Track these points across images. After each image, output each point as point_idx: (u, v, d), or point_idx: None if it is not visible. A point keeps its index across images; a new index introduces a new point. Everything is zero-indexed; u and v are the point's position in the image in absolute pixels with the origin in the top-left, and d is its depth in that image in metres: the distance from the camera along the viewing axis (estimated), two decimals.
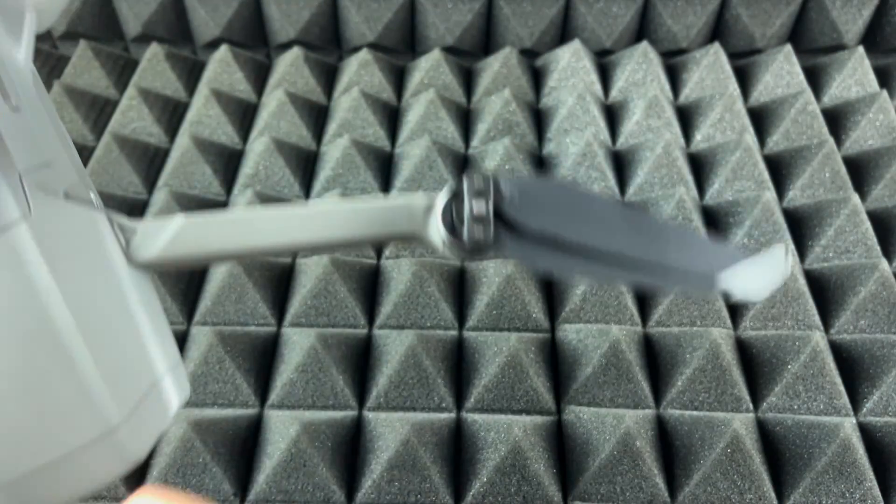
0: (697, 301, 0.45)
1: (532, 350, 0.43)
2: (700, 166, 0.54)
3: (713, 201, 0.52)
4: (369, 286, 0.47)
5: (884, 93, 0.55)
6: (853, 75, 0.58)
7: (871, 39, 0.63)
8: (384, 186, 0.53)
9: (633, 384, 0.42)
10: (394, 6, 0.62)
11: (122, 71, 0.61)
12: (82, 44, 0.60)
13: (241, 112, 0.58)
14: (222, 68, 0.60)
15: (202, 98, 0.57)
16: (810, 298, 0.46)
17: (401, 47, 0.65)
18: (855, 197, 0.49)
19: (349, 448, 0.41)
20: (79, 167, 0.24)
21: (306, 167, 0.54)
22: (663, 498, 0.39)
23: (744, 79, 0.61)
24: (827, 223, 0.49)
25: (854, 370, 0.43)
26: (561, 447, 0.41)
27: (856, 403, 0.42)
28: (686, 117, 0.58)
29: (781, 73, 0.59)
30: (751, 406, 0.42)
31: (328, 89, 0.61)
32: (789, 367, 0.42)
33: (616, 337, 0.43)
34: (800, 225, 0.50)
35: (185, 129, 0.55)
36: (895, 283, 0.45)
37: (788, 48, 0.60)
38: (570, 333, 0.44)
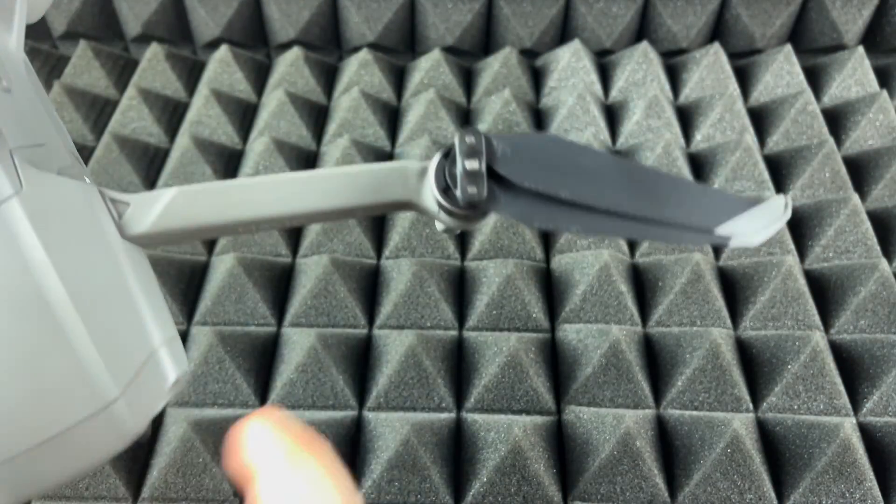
0: (697, 301, 0.45)
1: (532, 350, 0.43)
2: (700, 166, 0.54)
3: None
4: (369, 286, 0.47)
5: (884, 93, 0.55)
6: (853, 75, 0.58)
7: (871, 39, 0.63)
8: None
9: (633, 384, 0.42)
10: (394, 6, 0.62)
11: (122, 71, 0.61)
12: (82, 44, 0.60)
13: (241, 112, 0.58)
14: (222, 68, 0.60)
15: (202, 98, 0.57)
16: (810, 298, 0.46)
17: (401, 47, 0.65)
18: (855, 197, 0.49)
19: (349, 448, 0.41)
20: (73, 152, 0.24)
21: (306, 167, 0.54)
22: (663, 498, 0.39)
23: (744, 79, 0.61)
24: (827, 223, 0.49)
25: (854, 370, 0.43)
26: (561, 447, 0.41)
27: (856, 403, 0.42)
28: (686, 117, 0.58)
29: (781, 73, 0.59)
30: (751, 406, 0.42)
31: (328, 89, 0.61)
32: (789, 367, 0.42)
33: (616, 337, 0.43)
34: (800, 225, 0.50)
35: (185, 129, 0.55)
36: (895, 283, 0.45)
37: (788, 48, 0.60)
38: (570, 333, 0.44)
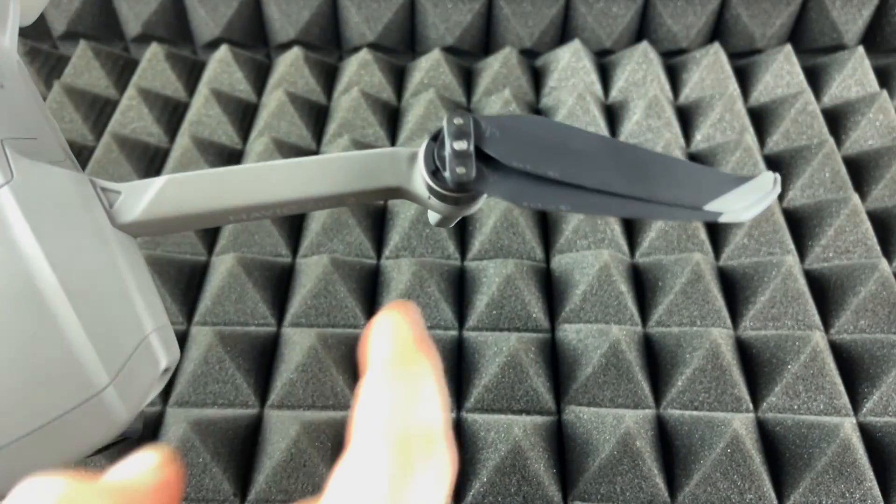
0: (697, 301, 0.45)
1: (532, 350, 0.43)
2: None
3: None
4: (369, 286, 0.47)
5: (884, 93, 0.55)
6: (853, 75, 0.58)
7: (871, 39, 0.63)
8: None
9: (633, 384, 0.42)
10: (394, 6, 0.62)
11: (122, 71, 0.61)
12: (82, 44, 0.60)
13: (241, 112, 0.58)
14: (222, 68, 0.60)
15: (202, 98, 0.57)
16: (810, 298, 0.46)
17: (401, 47, 0.65)
18: (855, 197, 0.49)
19: None
20: (65, 149, 0.24)
21: None
22: (663, 498, 0.39)
23: (744, 79, 0.61)
24: (827, 223, 0.49)
25: (854, 370, 0.43)
26: (561, 447, 0.41)
27: (856, 403, 0.42)
28: (686, 117, 0.58)
29: (781, 73, 0.59)
30: (751, 406, 0.42)
31: (328, 89, 0.61)
32: (789, 367, 0.42)
33: (616, 337, 0.43)
34: (800, 225, 0.50)
35: (185, 129, 0.55)
36: (895, 283, 0.45)
37: (788, 48, 0.60)
38: (570, 333, 0.44)
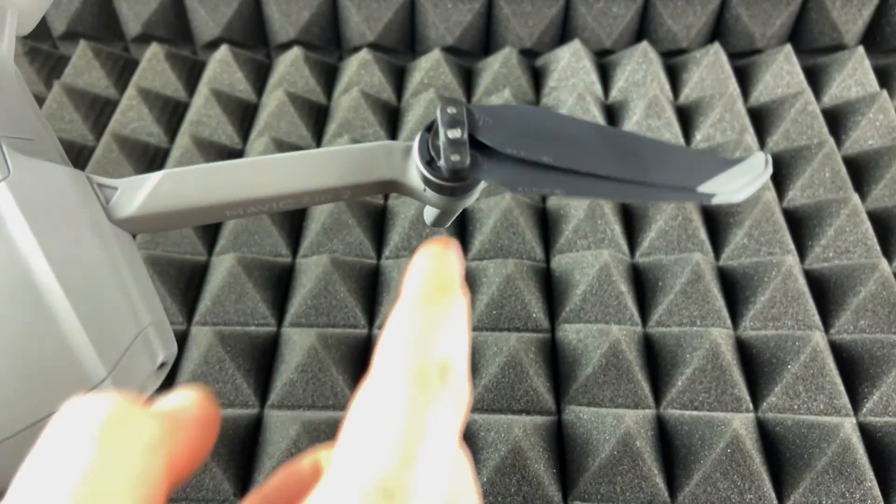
0: (697, 301, 0.45)
1: (532, 350, 0.43)
2: None
3: None
4: (369, 286, 0.47)
5: (884, 93, 0.55)
6: (853, 75, 0.58)
7: (871, 39, 0.63)
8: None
9: (633, 384, 0.42)
10: (394, 6, 0.62)
11: (122, 71, 0.61)
12: (82, 44, 0.60)
13: (241, 112, 0.58)
14: (222, 68, 0.60)
15: (202, 98, 0.57)
16: (810, 298, 0.46)
17: (401, 47, 0.65)
18: (855, 197, 0.49)
19: None
20: (61, 154, 0.24)
21: None
22: (663, 498, 0.39)
23: (744, 79, 0.61)
24: (827, 223, 0.49)
25: (854, 370, 0.43)
26: (561, 447, 0.41)
27: (856, 403, 0.42)
28: (686, 117, 0.58)
29: (781, 73, 0.59)
30: (751, 406, 0.42)
31: (328, 89, 0.61)
32: (789, 367, 0.42)
33: (616, 337, 0.43)
34: (800, 225, 0.50)
35: (185, 129, 0.55)
36: (895, 283, 0.45)
37: (788, 48, 0.60)
38: (570, 333, 0.44)
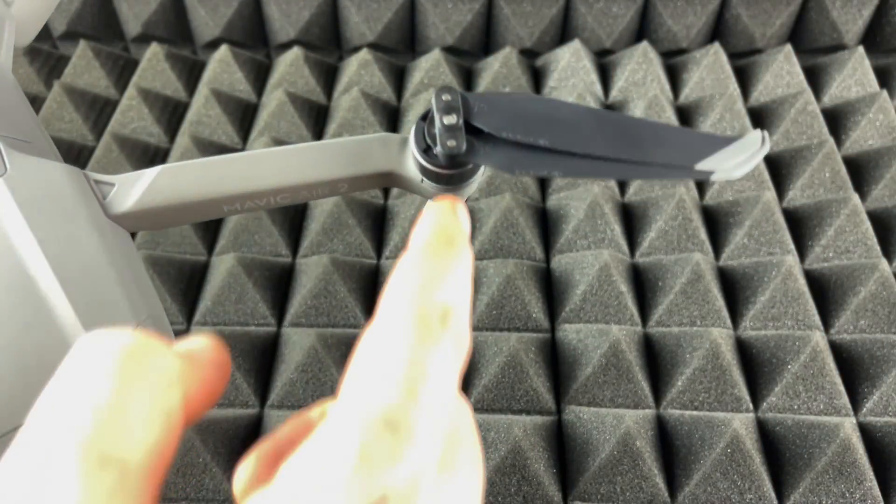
0: (697, 301, 0.45)
1: (532, 350, 0.43)
2: None
3: (713, 201, 0.52)
4: (369, 286, 0.47)
5: (884, 93, 0.55)
6: (853, 75, 0.58)
7: (871, 39, 0.63)
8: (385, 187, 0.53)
9: (633, 384, 0.42)
10: (394, 6, 0.62)
11: (122, 71, 0.61)
12: (82, 44, 0.60)
13: (241, 112, 0.58)
14: (222, 68, 0.60)
15: (202, 98, 0.57)
16: (810, 298, 0.46)
17: (401, 47, 0.65)
18: (855, 197, 0.49)
19: None
20: (59, 159, 0.24)
21: None
22: (663, 498, 0.39)
23: (744, 79, 0.61)
24: (827, 223, 0.49)
25: (854, 370, 0.43)
26: (561, 447, 0.41)
27: (856, 403, 0.42)
28: (686, 117, 0.58)
29: (781, 73, 0.59)
30: (751, 406, 0.42)
31: (328, 89, 0.61)
32: (789, 367, 0.42)
33: (616, 337, 0.43)
34: (800, 225, 0.50)
35: (185, 129, 0.55)
36: (895, 283, 0.45)
37: (788, 48, 0.60)
38: (570, 333, 0.44)
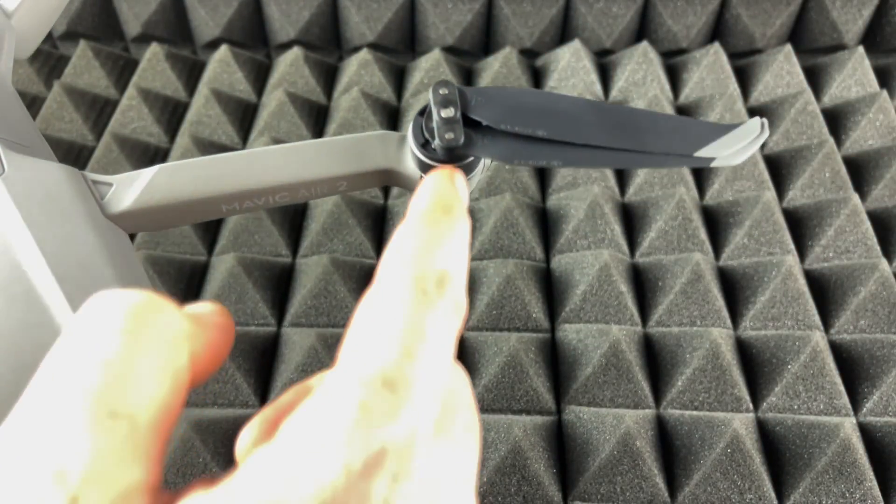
0: (697, 301, 0.45)
1: (532, 350, 0.43)
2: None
3: (713, 201, 0.52)
4: (369, 286, 0.47)
5: (884, 93, 0.55)
6: (853, 75, 0.58)
7: (871, 39, 0.63)
8: (384, 186, 0.53)
9: (633, 384, 0.42)
10: (394, 6, 0.62)
11: (122, 71, 0.61)
12: (82, 44, 0.60)
13: (241, 112, 0.58)
14: (222, 68, 0.60)
15: (202, 98, 0.57)
16: (810, 298, 0.46)
17: (401, 47, 0.65)
18: (855, 197, 0.49)
19: None
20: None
21: None
22: (663, 498, 0.39)
23: (744, 79, 0.61)
24: (827, 223, 0.49)
25: (854, 370, 0.43)
26: (561, 447, 0.41)
27: (856, 403, 0.42)
28: (686, 117, 0.58)
29: (781, 73, 0.59)
30: (751, 406, 0.42)
31: (328, 89, 0.61)
32: (789, 367, 0.42)
33: (616, 337, 0.43)
34: (800, 225, 0.50)
35: (185, 129, 0.55)
36: (895, 283, 0.45)
37: (788, 48, 0.60)
38: (570, 333, 0.44)
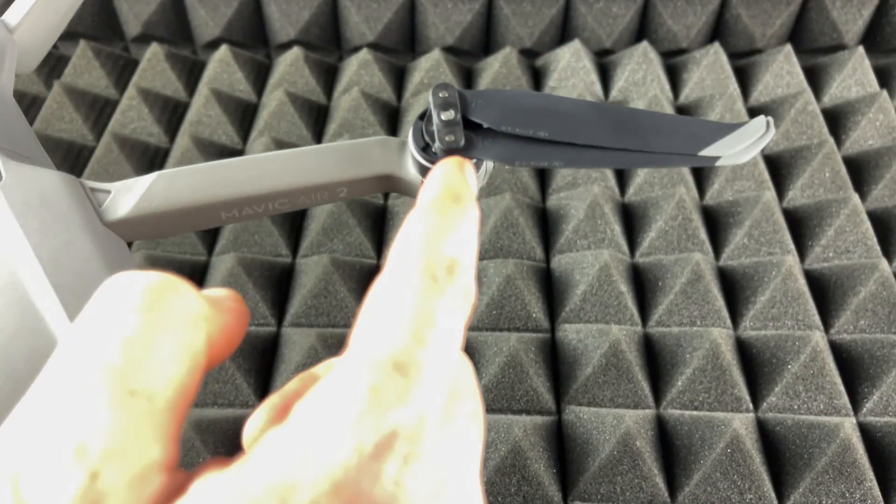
0: (697, 301, 0.45)
1: (532, 350, 0.43)
2: (700, 166, 0.54)
3: (713, 201, 0.52)
4: (369, 286, 0.47)
5: (884, 93, 0.55)
6: (853, 75, 0.58)
7: (871, 39, 0.63)
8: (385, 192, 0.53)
9: (633, 384, 0.42)
10: (394, 6, 0.62)
11: (122, 71, 0.61)
12: (82, 44, 0.60)
13: (241, 112, 0.58)
14: (222, 68, 0.60)
15: (202, 98, 0.57)
16: (810, 298, 0.46)
17: (401, 47, 0.65)
18: (855, 197, 0.49)
19: None
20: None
21: None
22: (663, 498, 0.39)
23: (744, 79, 0.61)
24: (827, 223, 0.49)
25: (854, 370, 0.43)
26: (561, 447, 0.41)
27: (856, 403, 0.42)
28: None
29: (781, 73, 0.59)
30: (751, 406, 0.42)
31: (328, 89, 0.61)
32: (789, 367, 0.42)
33: (616, 337, 0.43)
34: (800, 225, 0.50)
35: (185, 129, 0.55)
36: (895, 283, 0.45)
37: (788, 48, 0.60)
38: (570, 333, 0.44)
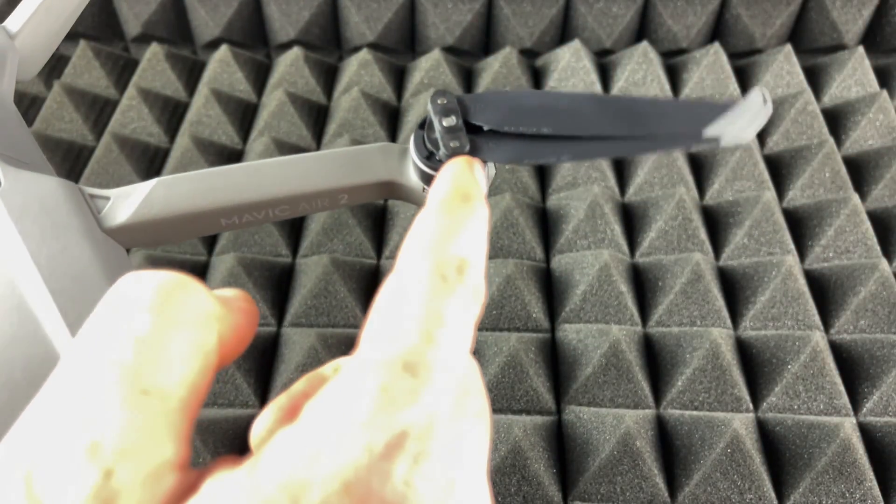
0: (697, 301, 0.45)
1: (532, 350, 0.43)
2: (700, 166, 0.54)
3: (713, 201, 0.52)
4: (369, 286, 0.47)
5: (884, 93, 0.55)
6: (853, 75, 0.58)
7: (871, 39, 0.63)
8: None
9: (633, 384, 0.42)
10: (394, 6, 0.62)
11: (122, 71, 0.61)
12: (82, 44, 0.60)
13: (241, 112, 0.58)
14: (222, 68, 0.60)
15: (202, 98, 0.57)
16: (810, 298, 0.46)
17: (401, 47, 0.65)
18: (855, 197, 0.49)
19: None
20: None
21: None
22: (663, 498, 0.39)
23: (744, 79, 0.61)
24: (827, 223, 0.49)
25: (854, 370, 0.43)
26: (561, 447, 0.41)
27: (856, 403, 0.42)
28: None
29: (781, 73, 0.59)
30: (751, 406, 0.42)
31: (328, 89, 0.61)
32: (789, 367, 0.42)
33: (616, 337, 0.43)
34: (800, 225, 0.50)
35: (185, 129, 0.55)
36: (895, 283, 0.45)
37: (788, 48, 0.60)
38: (570, 333, 0.44)
